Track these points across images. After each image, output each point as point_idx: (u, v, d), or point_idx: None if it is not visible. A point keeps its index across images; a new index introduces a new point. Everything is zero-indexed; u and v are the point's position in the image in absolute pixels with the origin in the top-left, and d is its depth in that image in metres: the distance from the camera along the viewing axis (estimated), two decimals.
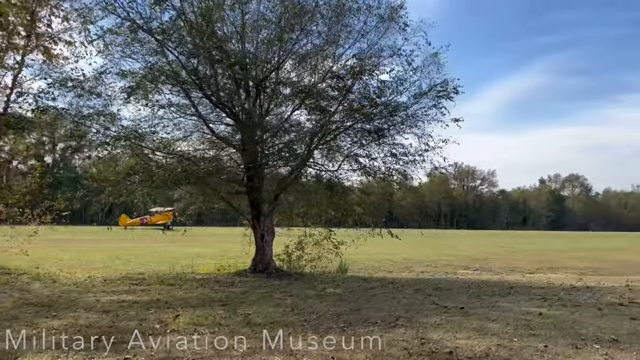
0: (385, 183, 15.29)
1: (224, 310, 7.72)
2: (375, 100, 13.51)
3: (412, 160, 13.74)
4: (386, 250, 25.18)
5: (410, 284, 11.81)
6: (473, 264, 23.93)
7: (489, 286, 11.23)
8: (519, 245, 44.74)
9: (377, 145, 14.29)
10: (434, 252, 31.30)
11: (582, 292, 10.10)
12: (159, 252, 24.77)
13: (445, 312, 7.54)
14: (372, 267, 20.60)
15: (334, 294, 9.70)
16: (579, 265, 24.58)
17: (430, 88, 12.63)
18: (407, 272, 19.01)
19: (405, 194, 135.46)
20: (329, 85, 13.93)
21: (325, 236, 15.64)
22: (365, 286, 11.17)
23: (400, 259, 25.05)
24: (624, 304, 8.27)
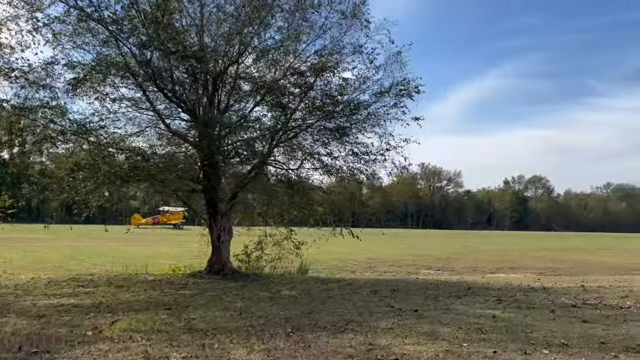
0: (351, 182, 15.06)
1: (168, 314, 7.30)
2: (336, 98, 13.28)
3: (373, 160, 13.57)
4: (351, 249, 25.05)
5: (368, 284, 11.61)
6: (436, 263, 24.05)
7: (447, 287, 11.14)
8: (483, 245, 45.46)
9: (339, 143, 14.07)
10: (398, 251, 31.40)
11: (538, 292, 10.09)
12: (122, 251, 23.99)
13: (399, 316, 7.33)
14: (336, 267, 20.40)
15: (288, 297, 9.39)
16: (539, 265, 25.02)
17: (391, 86, 12.46)
18: (370, 272, 18.88)
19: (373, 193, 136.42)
20: (290, 82, 13.62)
21: (286, 236, 15.33)
22: (323, 288, 10.90)
23: (364, 259, 24.96)
24: (577, 305, 8.26)
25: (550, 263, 26.45)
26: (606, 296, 9.37)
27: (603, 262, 27.96)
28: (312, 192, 14.73)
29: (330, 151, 14.16)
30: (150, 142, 13.86)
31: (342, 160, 14.06)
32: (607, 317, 7.19)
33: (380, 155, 13.41)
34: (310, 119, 14.01)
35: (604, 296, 9.32)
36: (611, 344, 5.74)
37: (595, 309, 7.90)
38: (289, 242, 15.25)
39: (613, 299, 9.05)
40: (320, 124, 13.94)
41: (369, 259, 25.14)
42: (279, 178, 14.56)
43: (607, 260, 29.84)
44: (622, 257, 33.24)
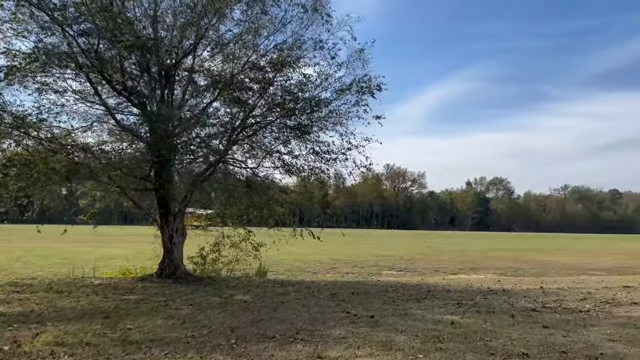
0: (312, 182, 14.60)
1: (103, 324, 6.67)
2: (297, 94, 12.84)
3: (334, 159, 13.18)
4: (315, 250, 24.65)
5: (327, 287, 11.20)
6: (399, 264, 23.92)
7: (407, 289, 10.85)
8: (446, 245, 45.91)
9: (300, 142, 13.63)
10: (362, 252, 31.22)
11: (498, 295, 9.92)
12: (77, 252, 22.86)
13: (354, 323, 6.93)
14: (297, 269, 19.95)
15: (240, 302, 8.86)
16: (500, 265, 25.25)
17: (352, 83, 12.10)
18: (332, 274, 18.51)
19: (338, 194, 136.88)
20: (248, 77, 13.09)
21: (244, 237, 14.77)
22: (279, 291, 10.42)
23: (327, 260, 24.61)
24: (537, 309, 8.06)
25: (511, 263, 26.74)
26: (565, 299, 9.26)
27: (561, 263, 28.50)
28: (272, 192, 14.21)
29: (290, 149, 13.71)
30: (102, 138, 13.08)
31: (303, 159, 13.63)
32: (567, 322, 7.00)
33: (342, 155, 13.03)
34: (270, 116, 13.52)
35: (563, 299, 9.21)
36: (572, 352, 5.49)
37: (555, 313, 7.73)
38: (247, 244, 14.72)
39: (572, 301, 8.94)
40: (280, 122, 13.47)
41: (332, 259, 24.80)
42: (237, 177, 13.98)
43: (565, 260, 30.46)
44: (578, 257, 34.08)
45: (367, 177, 16.00)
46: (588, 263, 28.69)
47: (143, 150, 12.65)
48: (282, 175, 14.25)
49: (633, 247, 53.04)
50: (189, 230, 13.69)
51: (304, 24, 12.61)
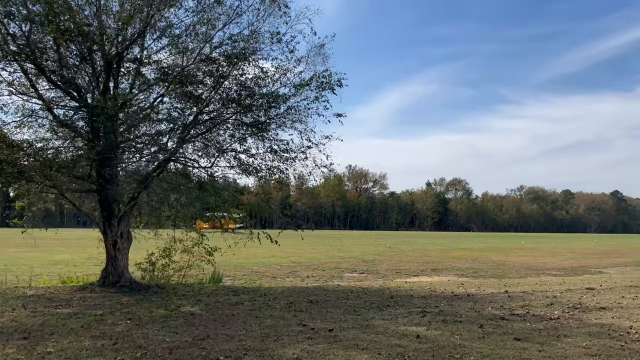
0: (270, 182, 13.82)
1: (19, 347, 5.73)
2: (253, 89, 12.08)
3: (293, 158, 12.48)
4: (276, 253, 23.92)
5: (285, 295, 10.48)
6: (361, 266, 23.50)
7: (369, 295, 10.27)
8: (406, 245, 46.03)
9: (257, 140, 12.87)
10: (324, 254, 30.69)
11: (464, 301, 9.47)
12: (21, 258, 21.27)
13: (311, 338, 6.25)
14: (256, 273, 19.18)
15: (187, 315, 8.02)
16: (460, 266, 25.24)
17: (312, 77, 11.44)
18: (292, 278, 17.85)
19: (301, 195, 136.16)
20: (201, 70, 12.22)
21: (197, 242, 13.88)
22: (232, 301, 9.62)
23: (288, 263, 23.94)
24: (505, 317, 7.61)
25: (470, 264, 26.82)
26: (532, 304, 8.89)
27: (519, 263, 28.82)
28: (227, 193, 13.38)
29: (247, 148, 12.92)
30: (40, 135, 11.91)
31: (260, 159, 12.88)
32: (539, 333, 6.54)
33: (302, 153, 12.35)
34: (225, 112, 12.70)
35: (530, 304, 8.84)
36: None
37: (525, 321, 7.29)
38: (201, 248, 13.84)
39: (539, 307, 8.57)
40: (236, 118, 12.67)
41: (293, 262, 24.14)
42: (188, 177, 13.06)
43: (523, 260, 30.87)
44: (535, 257, 34.69)
45: (329, 177, 15.50)
46: (545, 263, 29.14)
47: (83, 147, 11.58)
48: (239, 176, 13.43)
49: (585, 246, 54.78)
50: None
51: (261, 15, 11.88)
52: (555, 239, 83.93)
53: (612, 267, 26.80)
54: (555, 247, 49.52)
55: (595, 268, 26.01)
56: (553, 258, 33.61)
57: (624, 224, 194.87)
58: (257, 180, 13.41)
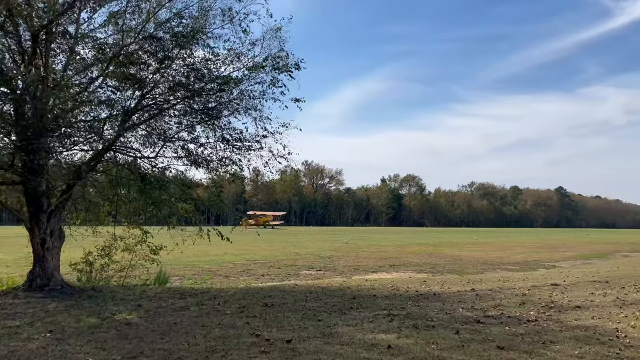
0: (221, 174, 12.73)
1: None
2: (202, 72, 11.02)
3: (247, 147, 11.50)
4: (230, 250, 22.74)
5: (237, 298, 9.51)
6: (318, 263, 22.76)
7: (330, 296, 9.46)
8: (362, 241, 45.73)
9: (208, 128, 11.82)
10: (280, 250, 29.78)
11: (431, 301, 8.83)
12: None
13: (265, 352, 5.35)
14: (208, 272, 18.04)
15: (122, 324, 6.94)
16: (418, 261, 24.96)
17: (267, 57, 10.48)
18: (246, 277, 16.86)
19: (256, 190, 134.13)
20: (144, 50, 11.02)
21: (140, 239, 12.68)
22: (177, 305, 8.57)
23: (242, 260, 22.87)
24: (480, 319, 6.98)
25: (427, 259, 26.64)
26: (504, 303, 8.36)
27: (475, 258, 28.92)
28: (173, 186, 12.24)
29: (196, 137, 11.85)
30: None
31: (211, 148, 11.83)
32: (522, 339, 5.90)
33: (256, 143, 11.39)
34: (172, 97, 11.56)
35: (501, 304, 8.30)
36: None
37: (502, 324, 6.67)
38: (144, 247, 12.66)
39: (512, 307, 8.03)
40: (184, 104, 11.56)
41: (247, 260, 23.09)
42: (129, 168, 11.84)
43: (478, 255, 31.06)
44: (488, 251, 35.10)
45: (286, 170, 14.58)
46: (500, 258, 29.39)
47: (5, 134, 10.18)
48: (187, 167, 12.29)
49: (534, 240, 56.40)
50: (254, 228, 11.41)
51: None
52: (505, 233, 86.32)
53: (563, 261, 27.28)
54: (506, 242, 50.59)
55: (548, 262, 26.38)
56: (506, 252, 34.08)
57: (568, 218, 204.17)
58: (208, 172, 12.32)
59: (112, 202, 12.47)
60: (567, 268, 22.51)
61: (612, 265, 22.44)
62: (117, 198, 12.35)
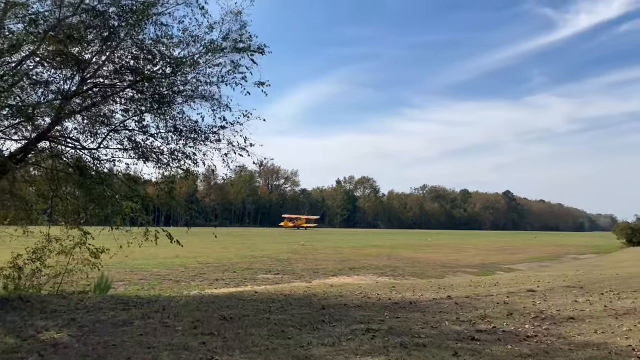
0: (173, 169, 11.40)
1: None
2: (154, 53, 9.76)
3: (203, 139, 10.31)
4: (181, 252, 21.25)
5: (190, 309, 8.33)
6: (275, 266, 21.71)
7: (296, 307, 8.44)
8: (319, 242, 44.97)
9: (158, 116, 10.55)
10: (234, 252, 28.47)
11: (408, 311, 7.98)
12: None
13: None
14: (157, 277, 16.63)
15: (45, 347, 5.67)
16: (376, 263, 24.38)
17: (227, 35, 9.34)
18: (199, 282, 15.59)
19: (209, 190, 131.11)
20: (85, 24, 9.63)
21: (79, 241, 11.20)
22: (118, 319, 7.32)
23: (194, 263, 21.47)
24: (473, 335, 6.11)
25: (386, 261, 26.15)
26: (488, 314, 7.62)
27: (432, 260, 28.72)
28: (117, 182, 10.86)
29: (145, 126, 10.54)
30: None
31: (162, 139, 10.56)
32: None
33: (213, 134, 10.22)
34: (118, 81, 10.24)
35: (486, 314, 7.55)
36: None
37: (499, 341, 5.84)
38: (83, 249, 11.20)
39: (501, 318, 7.28)
40: (133, 89, 10.25)
41: (200, 263, 21.70)
42: (66, 161, 10.39)
43: (435, 257, 30.94)
44: (445, 253, 35.16)
45: (245, 166, 13.50)
46: (457, 260, 29.34)
47: None
48: (134, 160, 10.92)
49: (486, 242, 57.55)
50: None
51: None
52: (457, 235, 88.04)
53: (519, 264, 27.48)
54: (460, 244, 51.21)
55: (505, 265, 26.46)
56: (462, 254, 34.20)
57: (514, 221, 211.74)
58: (158, 167, 10.98)
59: (47, 199, 10.95)
60: (527, 271, 22.52)
61: (569, 268, 22.61)
62: (53, 194, 10.84)
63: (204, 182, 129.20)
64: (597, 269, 20.65)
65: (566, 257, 34.47)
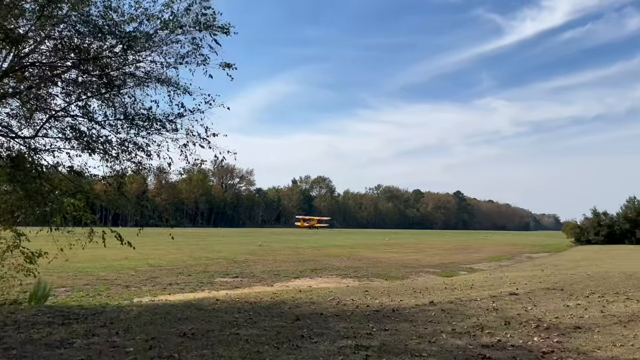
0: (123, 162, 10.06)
1: None
2: (101, 27, 8.52)
3: (159, 129, 9.13)
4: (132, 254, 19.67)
5: (142, 322, 7.16)
6: (233, 268, 20.53)
7: (266, 318, 7.43)
8: (277, 243, 43.86)
9: (105, 102, 9.32)
10: (188, 254, 26.94)
11: (394, 321, 7.13)
12: None
13: None
14: (104, 281, 15.15)
15: None
16: (338, 264, 23.63)
17: (189, 7, 8.21)
18: (151, 287, 14.26)
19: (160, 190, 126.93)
20: None
21: (12, 244, 9.73)
22: (55, 338, 6.08)
23: (146, 266, 19.96)
24: (484, 354, 5.11)
25: (347, 262, 25.45)
26: (484, 323, 6.82)
27: (392, 259, 28.32)
28: (58, 177, 9.52)
29: (90, 112, 9.28)
30: None
31: (110, 128, 9.33)
32: None
33: (170, 123, 9.06)
34: (59, 60, 8.94)
35: (482, 324, 6.76)
36: None
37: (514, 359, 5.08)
38: (16, 253, 9.74)
39: (499, 328, 6.52)
40: (77, 70, 8.98)
41: (152, 266, 20.20)
42: None
43: (395, 257, 30.55)
44: (404, 253, 34.90)
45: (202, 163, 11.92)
46: (417, 259, 29.03)
47: None
48: (77, 152, 9.58)
49: (441, 241, 58.15)
50: None
51: None
52: (411, 234, 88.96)
53: (478, 263, 27.46)
54: (417, 243, 51.39)
55: (465, 264, 26.34)
56: (421, 254, 34.02)
57: (464, 221, 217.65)
58: (105, 159, 9.67)
59: None
60: (489, 270, 22.38)
61: (533, 268, 22.63)
62: None
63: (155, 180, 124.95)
64: (560, 269, 20.71)
65: (521, 256, 34.96)
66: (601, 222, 51.27)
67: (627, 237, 49.57)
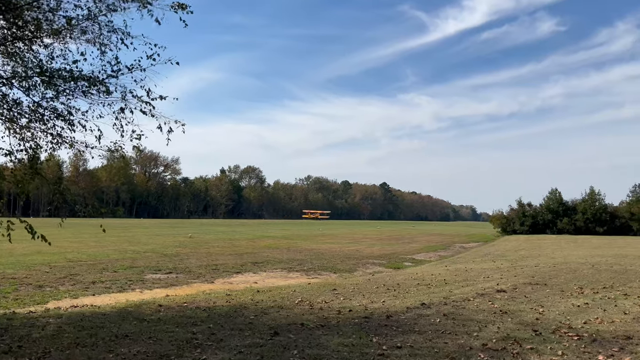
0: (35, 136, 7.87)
1: None
2: None
3: (86, 90, 7.15)
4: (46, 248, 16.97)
5: (63, 343, 5.29)
6: (164, 263, 18.42)
7: (231, 331, 5.82)
8: (208, 234, 41.53)
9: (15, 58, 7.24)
10: (112, 248, 24.19)
11: (400, 332, 5.73)
12: None
13: None
14: (11, 280, 12.78)
15: None
16: (280, 257, 22.22)
17: None
18: (70, 286, 12.07)
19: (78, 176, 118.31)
20: None
21: None
22: None
23: (64, 261, 17.35)
24: None
25: (287, 254, 24.12)
26: (509, 333, 5.63)
27: (334, 250, 27.31)
28: None
29: None
30: None
31: (20, 88, 7.23)
32: None
33: (101, 83, 7.08)
34: None
35: (507, 335, 5.55)
36: None
37: None
38: None
39: (530, 340, 5.33)
40: None
41: (70, 261, 17.60)
42: None
43: (334, 247, 29.63)
44: (342, 244, 34.12)
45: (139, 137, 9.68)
46: (357, 250, 28.28)
47: None
48: None
49: (373, 232, 58.36)
50: None
51: None
52: (343, 225, 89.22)
53: (417, 254, 27.14)
54: (351, 234, 51.04)
55: (406, 255, 25.90)
56: (359, 245, 33.41)
57: (390, 212, 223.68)
58: (12, 129, 7.50)
59: None
60: (431, 261, 21.98)
61: (482, 259, 22.43)
62: None
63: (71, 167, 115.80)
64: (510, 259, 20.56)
65: (455, 246, 35.33)
66: (526, 212, 53.56)
67: (549, 227, 52.18)
